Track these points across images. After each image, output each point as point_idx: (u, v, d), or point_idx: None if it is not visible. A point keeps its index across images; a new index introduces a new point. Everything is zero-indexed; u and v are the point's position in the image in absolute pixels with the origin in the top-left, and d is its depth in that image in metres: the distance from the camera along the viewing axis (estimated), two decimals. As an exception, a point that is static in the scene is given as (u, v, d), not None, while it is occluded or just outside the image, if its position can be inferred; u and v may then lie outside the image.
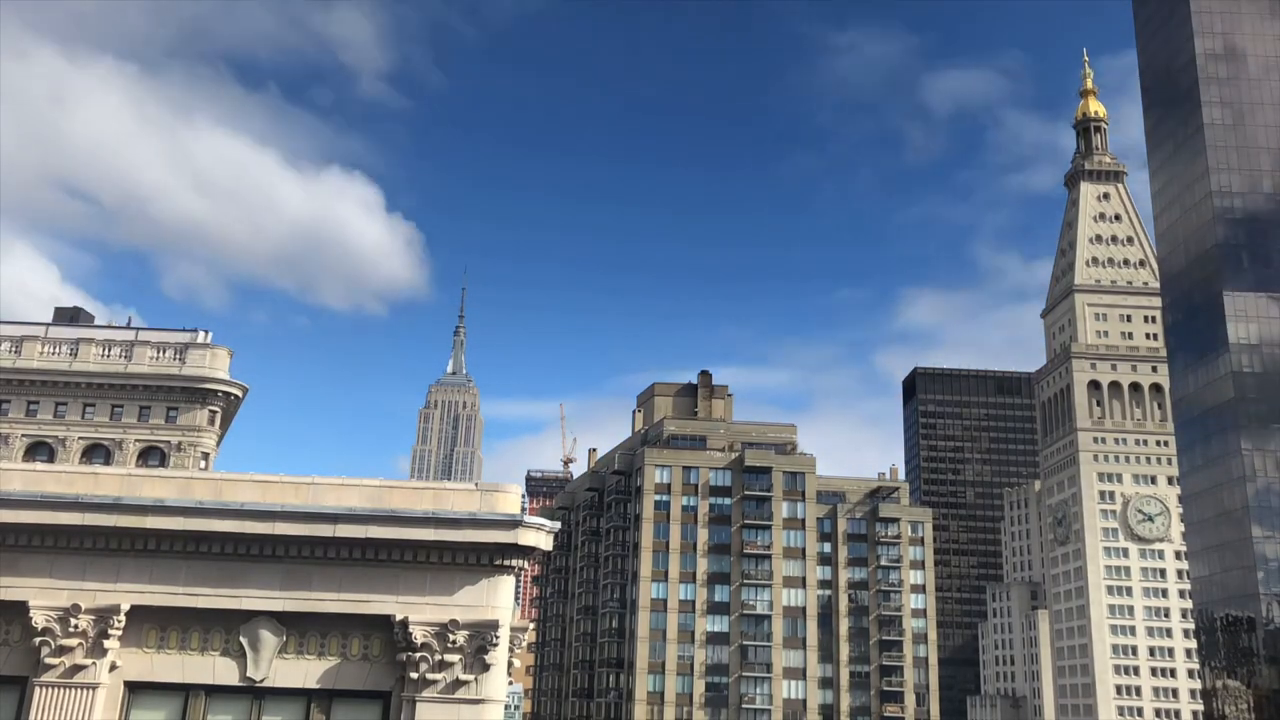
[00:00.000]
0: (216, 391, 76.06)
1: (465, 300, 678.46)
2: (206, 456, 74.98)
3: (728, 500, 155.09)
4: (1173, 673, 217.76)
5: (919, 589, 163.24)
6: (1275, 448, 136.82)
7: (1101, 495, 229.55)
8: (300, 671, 17.71)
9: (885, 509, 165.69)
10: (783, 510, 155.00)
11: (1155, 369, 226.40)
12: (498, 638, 17.63)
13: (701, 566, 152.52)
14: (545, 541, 18.30)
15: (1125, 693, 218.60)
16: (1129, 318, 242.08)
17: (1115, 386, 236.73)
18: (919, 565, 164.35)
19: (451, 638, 17.40)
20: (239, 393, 77.54)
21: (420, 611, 17.56)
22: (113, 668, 17.34)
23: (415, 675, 17.36)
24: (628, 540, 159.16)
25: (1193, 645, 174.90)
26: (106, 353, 76.72)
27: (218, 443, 77.66)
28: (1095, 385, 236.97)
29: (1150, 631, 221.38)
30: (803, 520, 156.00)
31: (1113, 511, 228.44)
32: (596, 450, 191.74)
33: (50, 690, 16.95)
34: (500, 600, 17.98)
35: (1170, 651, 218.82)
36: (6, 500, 17.25)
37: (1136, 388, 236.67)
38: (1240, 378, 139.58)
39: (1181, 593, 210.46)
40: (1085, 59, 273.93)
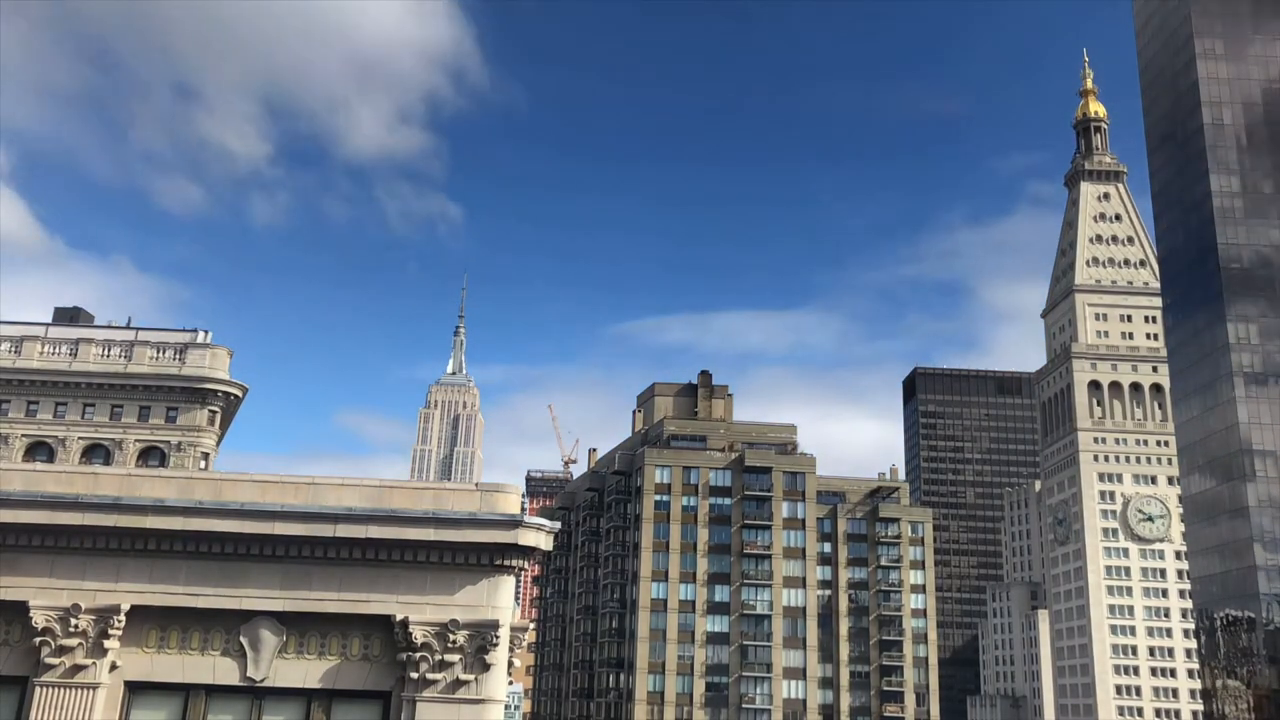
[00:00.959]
0: (216, 391, 76.08)
1: (465, 300, 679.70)
2: (206, 456, 74.98)
3: (728, 500, 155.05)
4: (1173, 673, 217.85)
5: (919, 589, 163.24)
6: (1276, 447, 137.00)
7: (1102, 495, 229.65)
8: (300, 671, 17.69)
9: (885, 509, 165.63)
10: (783, 510, 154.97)
11: (1155, 369, 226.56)
12: (498, 638, 17.62)
13: (701, 566, 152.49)
14: (545, 541, 18.29)
15: (1125, 693, 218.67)
16: (1129, 318, 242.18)
17: (1115, 386, 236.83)
18: (919, 565, 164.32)
19: (452, 638, 17.39)
20: (239, 393, 77.55)
21: (420, 611, 17.55)
22: (113, 668, 17.32)
23: (415, 675, 17.34)
24: (628, 540, 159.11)
25: (1193, 645, 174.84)
26: (106, 353, 76.73)
27: (218, 443, 77.66)
28: (1095, 385, 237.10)
29: (1150, 631, 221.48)
30: (803, 520, 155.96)
31: (1113, 511, 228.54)
32: (596, 450, 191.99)
33: (50, 690, 16.94)
34: (500, 600, 17.96)
35: (1170, 651, 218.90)
36: (6, 500, 17.22)
37: (1137, 388, 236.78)
38: (1240, 378, 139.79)
39: (1181, 593, 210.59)
40: (1085, 59, 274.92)
